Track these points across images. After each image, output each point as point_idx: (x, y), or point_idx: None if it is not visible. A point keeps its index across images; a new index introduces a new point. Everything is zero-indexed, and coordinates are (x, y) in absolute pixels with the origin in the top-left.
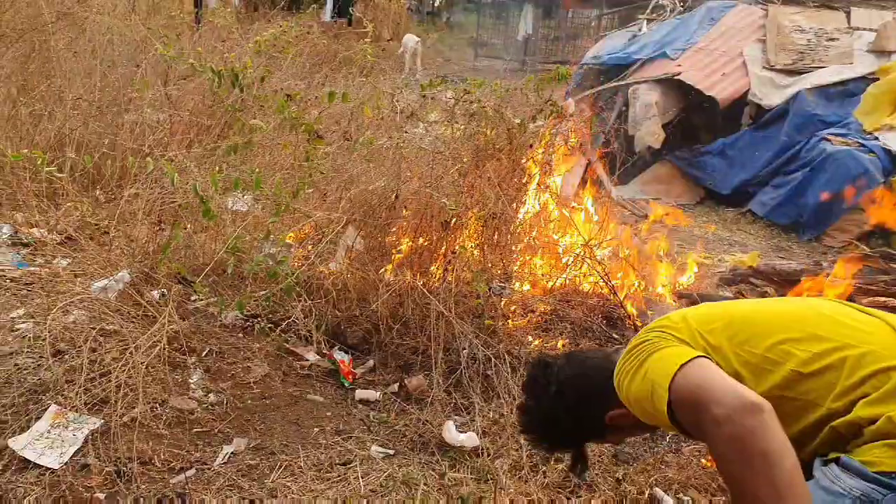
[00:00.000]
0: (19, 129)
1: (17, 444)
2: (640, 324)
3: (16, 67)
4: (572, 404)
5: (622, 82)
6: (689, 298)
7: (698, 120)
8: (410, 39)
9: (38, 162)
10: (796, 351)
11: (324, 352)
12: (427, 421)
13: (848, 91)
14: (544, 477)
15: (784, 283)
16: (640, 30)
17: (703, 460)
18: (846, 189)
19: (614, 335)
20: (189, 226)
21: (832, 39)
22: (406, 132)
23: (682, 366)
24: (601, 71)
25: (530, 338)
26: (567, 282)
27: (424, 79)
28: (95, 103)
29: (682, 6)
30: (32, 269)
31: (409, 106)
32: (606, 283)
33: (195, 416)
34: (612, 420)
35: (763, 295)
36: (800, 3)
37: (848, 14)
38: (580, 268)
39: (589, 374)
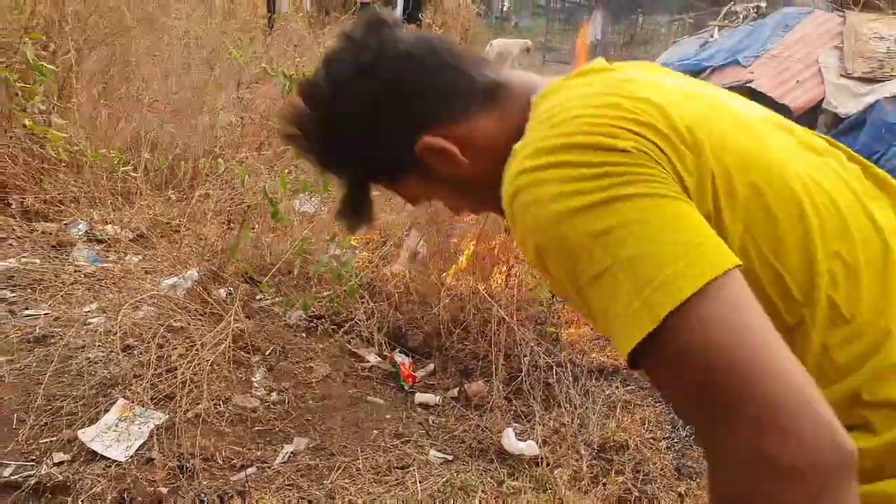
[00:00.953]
0: (98, 129)
1: (86, 435)
2: None
3: (98, 70)
4: (385, 102)
5: None
6: None
7: None
8: (515, 45)
9: (115, 161)
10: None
11: (385, 354)
12: (486, 427)
13: None
14: (604, 489)
15: None
16: (711, 36)
17: None
18: None
19: None
20: (257, 226)
21: None
22: None
23: (708, 283)
24: None
25: (593, 347)
26: None
27: None
28: (171, 105)
29: (755, 13)
30: (105, 265)
31: None
32: None
33: (257, 414)
34: (425, 150)
35: None
36: (879, 10)
37: None
38: None
39: (429, 70)
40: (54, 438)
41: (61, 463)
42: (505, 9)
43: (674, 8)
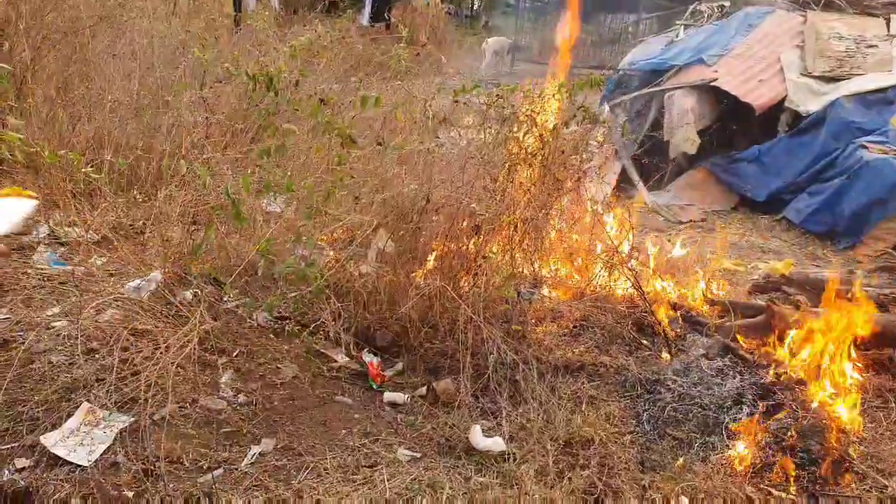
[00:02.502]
0: (57, 130)
1: (49, 440)
2: (670, 331)
3: (56, 69)
4: None
5: (658, 88)
6: (720, 306)
7: (734, 126)
8: (505, 42)
9: (75, 163)
10: None
11: (353, 354)
12: (454, 425)
13: (887, 98)
14: (570, 483)
15: (817, 292)
16: (677, 35)
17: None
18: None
19: (644, 342)
20: (222, 227)
21: (871, 46)
22: (438, 137)
23: None
24: (637, 77)
25: (559, 344)
26: (597, 287)
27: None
28: (133, 105)
29: (719, 12)
30: (68, 268)
31: (442, 111)
32: (637, 289)
33: (224, 416)
34: None
35: (795, 305)
36: (839, 9)
37: (888, 21)
38: (611, 274)
39: None
40: (16, 444)
41: (23, 469)
42: (475, 7)
43: (641, 8)
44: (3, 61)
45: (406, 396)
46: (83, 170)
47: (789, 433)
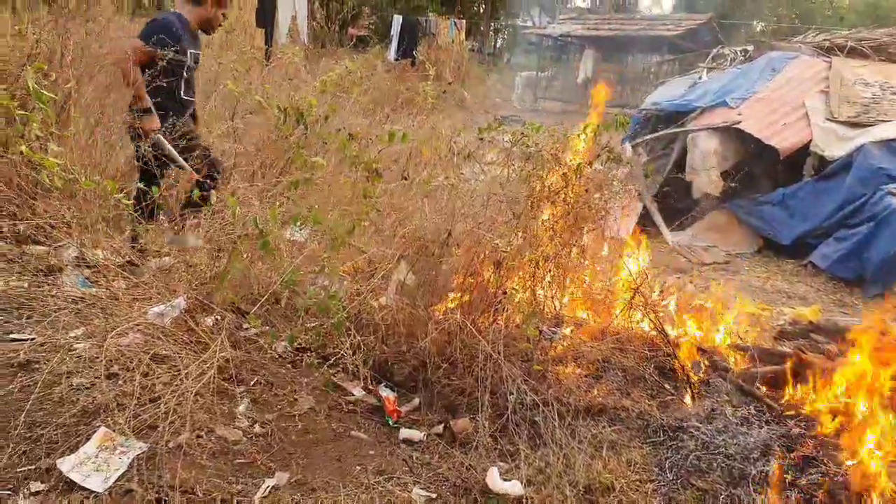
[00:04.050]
0: (94, 156)
1: (65, 465)
2: (693, 376)
3: (95, 98)
4: None
5: (681, 129)
6: (745, 351)
7: (758, 169)
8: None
9: (109, 190)
10: None
11: (370, 388)
12: (471, 466)
13: None
14: None
15: (846, 340)
16: (700, 77)
17: None
18: None
19: (666, 386)
20: (246, 255)
21: None
22: (462, 173)
23: None
24: (660, 117)
25: (580, 385)
26: (619, 328)
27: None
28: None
29: (743, 56)
30: (94, 290)
31: (467, 147)
32: (659, 331)
33: (239, 446)
34: None
35: (824, 353)
36: (864, 56)
37: None
38: (632, 315)
39: None
40: (32, 467)
41: (38, 493)
42: (498, 45)
43: (663, 49)
44: (48, 91)
45: (422, 434)
46: (115, 196)
47: (820, 490)
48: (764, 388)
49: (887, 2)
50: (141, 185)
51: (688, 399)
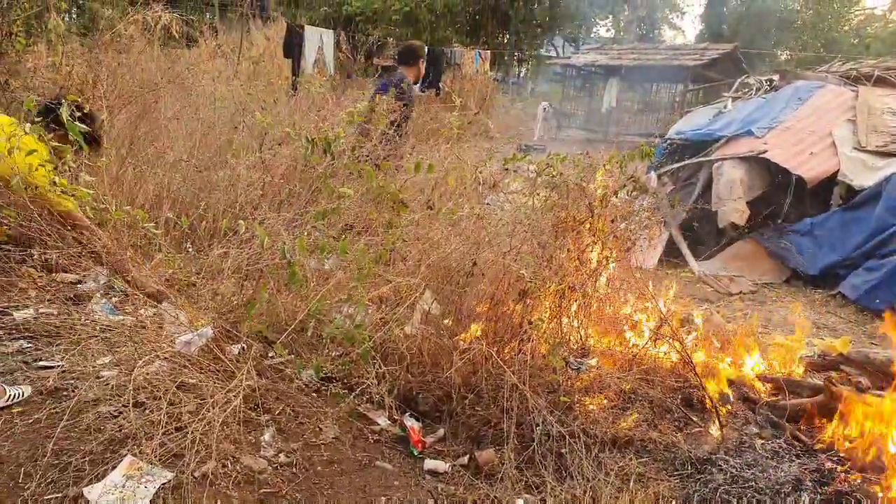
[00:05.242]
0: (123, 187)
1: (92, 493)
2: (721, 408)
3: (125, 129)
4: None
5: (706, 158)
6: (774, 383)
7: (784, 199)
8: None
9: (140, 221)
10: None
11: (395, 417)
12: (496, 498)
13: None
14: None
15: (878, 373)
16: (725, 107)
17: None
18: None
19: (693, 417)
20: (273, 284)
21: None
22: (488, 203)
23: None
24: (685, 146)
25: (606, 416)
26: (645, 358)
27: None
28: (194, 164)
29: (768, 85)
30: (121, 318)
31: (492, 176)
32: (687, 362)
33: (264, 476)
34: None
35: (856, 385)
36: (892, 85)
37: None
38: (659, 345)
39: None
40: (60, 495)
41: None
42: (521, 75)
43: (687, 78)
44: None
45: (447, 465)
46: (144, 225)
47: None
48: (794, 421)
49: None
50: None
51: (715, 431)
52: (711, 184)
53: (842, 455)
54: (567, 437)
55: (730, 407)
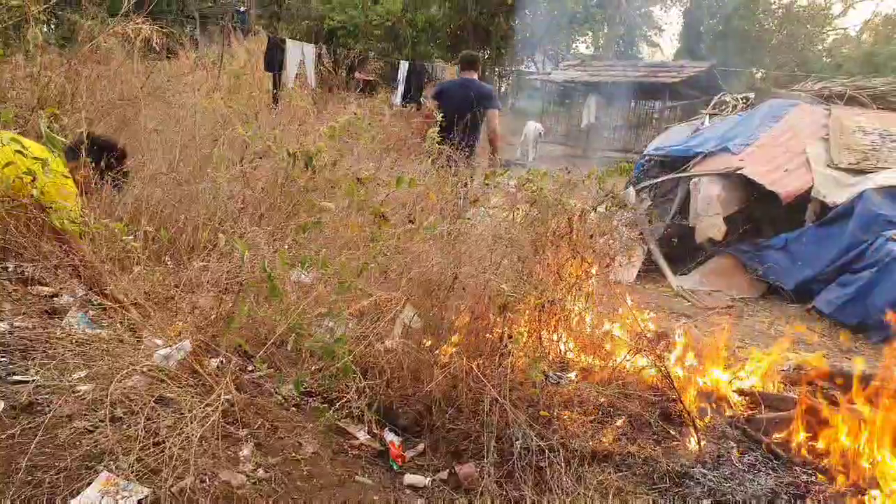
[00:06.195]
0: (102, 199)
1: None
2: (699, 422)
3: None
4: None
5: (684, 174)
6: (752, 397)
7: (760, 214)
8: (531, 127)
9: (120, 234)
10: None
11: (375, 432)
12: None
13: None
14: None
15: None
16: (702, 124)
17: None
18: None
19: (671, 431)
20: (252, 298)
21: None
22: (469, 218)
23: None
24: (663, 162)
25: (585, 430)
26: (624, 372)
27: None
28: (174, 176)
29: (744, 103)
30: (98, 331)
31: (473, 192)
32: (665, 376)
33: (243, 491)
34: None
35: (830, 399)
36: (862, 105)
37: None
38: (637, 360)
39: None
40: None
41: None
42: (502, 90)
43: (665, 95)
44: (60, 135)
45: (427, 480)
46: (123, 238)
47: None
48: (771, 434)
49: (885, 50)
50: None
51: (693, 444)
52: (689, 200)
53: (817, 468)
54: (547, 451)
55: (707, 420)
